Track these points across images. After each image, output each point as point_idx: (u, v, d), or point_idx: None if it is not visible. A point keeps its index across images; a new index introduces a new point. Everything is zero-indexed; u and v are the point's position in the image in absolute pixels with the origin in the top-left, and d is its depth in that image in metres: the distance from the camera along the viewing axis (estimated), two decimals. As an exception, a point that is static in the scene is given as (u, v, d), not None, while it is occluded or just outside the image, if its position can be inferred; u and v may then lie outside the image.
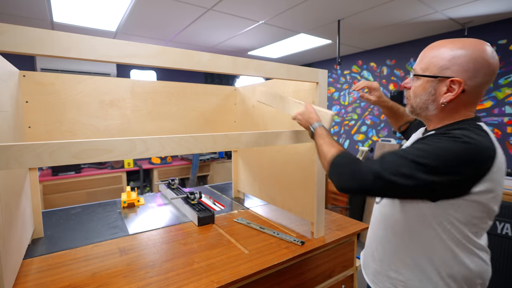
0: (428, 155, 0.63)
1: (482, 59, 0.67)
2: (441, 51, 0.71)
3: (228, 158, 4.14)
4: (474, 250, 0.70)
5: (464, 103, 0.72)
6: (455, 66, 0.69)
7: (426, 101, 0.75)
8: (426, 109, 0.76)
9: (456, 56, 0.69)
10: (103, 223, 1.37)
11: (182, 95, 1.51)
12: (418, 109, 0.78)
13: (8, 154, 0.61)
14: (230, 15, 2.33)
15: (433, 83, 0.72)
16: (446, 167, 0.62)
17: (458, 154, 0.62)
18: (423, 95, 0.75)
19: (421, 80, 0.75)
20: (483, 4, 2.11)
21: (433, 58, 0.72)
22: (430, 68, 0.73)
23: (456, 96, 0.69)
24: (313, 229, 1.21)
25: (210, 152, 2.13)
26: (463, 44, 0.69)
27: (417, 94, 0.76)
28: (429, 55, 0.74)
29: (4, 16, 2.28)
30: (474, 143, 0.63)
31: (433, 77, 0.72)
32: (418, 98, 0.77)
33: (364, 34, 2.90)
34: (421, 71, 0.75)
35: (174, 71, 4.25)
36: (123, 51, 0.73)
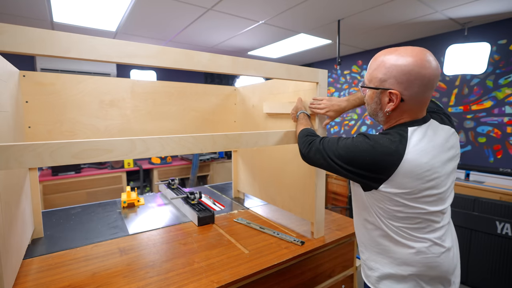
0: (345, 147, 0.77)
1: (415, 72, 0.70)
2: (379, 62, 0.75)
3: (228, 158, 4.14)
4: (402, 241, 0.76)
5: (406, 110, 0.76)
6: (391, 79, 0.73)
7: (375, 110, 0.81)
8: (376, 116, 0.82)
9: (391, 69, 0.72)
10: (103, 223, 1.37)
11: (182, 95, 1.51)
12: (371, 115, 0.84)
13: (8, 154, 0.61)
14: (230, 15, 2.33)
15: (377, 94, 0.77)
16: (353, 161, 0.74)
17: (363, 153, 0.73)
18: (372, 104, 0.80)
19: (369, 91, 0.80)
20: (483, 4, 2.11)
21: (375, 70, 0.76)
22: (373, 80, 0.77)
23: (396, 106, 0.74)
24: (313, 229, 1.21)
25: (210, 152, 2.13)
26: (399, 56, 0.72)
27: (368, 103, 0.82)
28: (372, 66, 0.78)
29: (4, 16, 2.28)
30: (378, 148, 0.71)
31: (375, 89, 0.77)
32: (369, 107, 0.82)
33: (364, 34, 2.90)
34: (367, 82, 0.80)
35: (174, 71, 4.25)
36: (123, 51, 0.73)
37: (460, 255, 2.15)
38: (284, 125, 1.33)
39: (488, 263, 2.01)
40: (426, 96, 0.74)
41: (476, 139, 2.68)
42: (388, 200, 0.74)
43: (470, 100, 2.71)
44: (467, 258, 2.12)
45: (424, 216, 0.74)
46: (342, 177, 3.13)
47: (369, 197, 0.79)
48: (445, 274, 0.77)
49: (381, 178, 0.72)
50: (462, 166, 2.60)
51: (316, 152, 0.86)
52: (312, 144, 0.89)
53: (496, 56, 2.51)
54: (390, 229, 0.77)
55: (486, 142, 2.61)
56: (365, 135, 0.77)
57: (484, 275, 2.03)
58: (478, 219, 2.05)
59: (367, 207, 0.81)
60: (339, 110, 1.08)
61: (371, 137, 0.75)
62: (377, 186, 0.74)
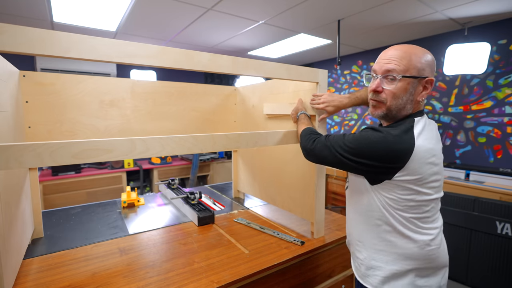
0: (354, 140, 0.78)
1: (435, 64, 0.80)
2: (411, 53, 0.77)
3: (228, 158, 4.14)
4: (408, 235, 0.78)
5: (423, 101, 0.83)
6: (428, 67, 0.77)
7: (406, 101, 0.79)
8: (403, 109, 0.80)
9: (425, 58, 0.77)
10: (103, 223, 1.37)
11: (182, 95, 1.51)
12: (396, 110, 0.80)
13: (8, 154, 0.61)
14: (230, 15, 2.33)
15: (413, 84, 0.77)
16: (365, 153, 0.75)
17: (376, 144, 0.74)
18: (405, 95, 0.78)
19: (402, 81, 0.77)
20: (483, 4, 2.11)
21: (410, 60, 0.76)
22: (410, 69, 0.76)
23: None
24: (313, 229, 1.21)
25: (210, 152, 2.13)
26: (420, 48, 0.79)
27: (399, 95, 0.78)
28: (402, 56, 0.77)
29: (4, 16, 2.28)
30: (391, 138, 0.73)
31: (415, 78, 0.77)
32: (399, 100, 0.78)
33: (364, 34, 2.90)
34: (402, 73, 0.77)
35: (174, 71, 4.25)
36: (123, 51, 0.73)
37: (460, 255, 2.16)
38: (284, 125, 1.33)
39: (488, 263, 2.01)
40: None
41: (476, 139, 2.68)
42: (401, 189, 0.75)
43: (470, 100, 2.71)
44: (467, 258, 2.12)
45: (432, 204, 0.78)
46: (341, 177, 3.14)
47: (377, 190, 0.79)
48: (443, 264, 0.81)
49: (397, 167, 0.73)
50: (462, 166, 2.60)
51: (323, 148, 0.86)
52: (317, 141, 0.89)
53: (496, 56, 2.51)
54: (398, 222, 0.78)
55: (486, 142, 2.61)
56: (373, 128, 0.79)
57: (484, 275, 2.03)
58: (478, 219, 2.05)
59: (371, 202, 0.81)
60: (340, 106, 1.07)
61: (381, 129, 0.77)
62: (391, 176, 0.75)
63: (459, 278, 2.16)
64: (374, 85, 0.81)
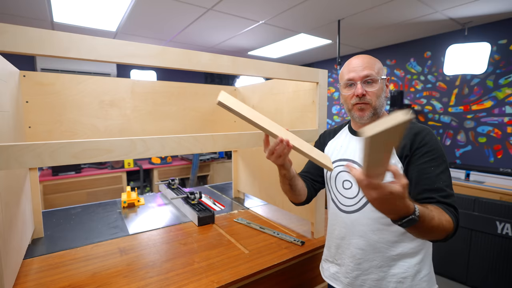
0: (439, 155, 0.78)
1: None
2: (373, 59, 0.89)
3: (228, 158, 4.14)
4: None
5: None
6: (382, 69, 0.90)
7: (384, 99, 0.90)
8: (382, 106, 0.90)
9: (379, 62, 0.91)
10: (103, 223, 1.37)
11: (182, 95, 1.51)
12: (380, 107, 0.89)
13: (8, 154, 0.61)
14: (230, 15, 2.33)
15: (383, 83, 0.89)
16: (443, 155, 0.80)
17: (440, 143, 0.82)
18: (382, 93, 0.89)
19: (379, 83, 0.87)
20: (483, 4, 2.11)
21: (376, 64, 0.88)
22: (380, 72, 0.89)
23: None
24: (313, 229, 1.21)
25: (210, 152, 2.13)
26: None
27: (379, 94, 0.88)
28: (372, 62, 0.88)
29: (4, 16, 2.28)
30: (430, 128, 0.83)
31: (383, 79, 0.89)
32: (381, 98, 0.88)
33: (364, 34, 2.90)
34: (378, 76, 0.88)
35: (174, 71, 4.25)
36: (123, 51, 0.73)
37: (460, 255, 2.15)
38: (284, 125, 1.33)
39: (488, 263, 2.01)
40: None
41: (476, 139, 2.68)
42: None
43: (470, 100, 2.71)
44: (467, 258, 2.12)
45: None
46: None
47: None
48: None
49: None
50: (462, 166, 2.60)
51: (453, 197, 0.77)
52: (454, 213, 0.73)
53: (496, 56, 2.51)
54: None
55: (486, 142, 2.61)
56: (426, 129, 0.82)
57: (484, 275, 2.03)
58: (478, 219, 2.05)
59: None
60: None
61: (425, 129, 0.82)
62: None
63: (459, 278, 2.16)
64: (359, 90, 0.86)
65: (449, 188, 0.76)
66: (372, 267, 0.84)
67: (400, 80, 3.30)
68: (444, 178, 0.77)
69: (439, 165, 0.77)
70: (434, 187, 0.75)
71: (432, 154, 0.78)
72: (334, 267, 0.94)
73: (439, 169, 0.77)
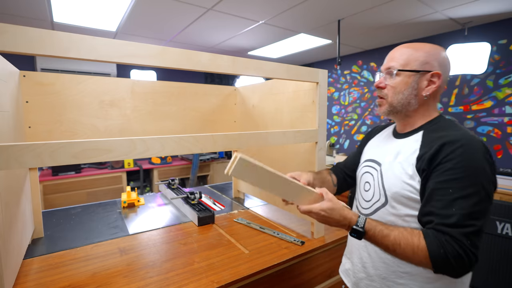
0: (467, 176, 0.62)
1: (448, 61, 0.78)
2: (416, 48, 0.77)
3: (228, 158, 4.14)
4: None
5: (435, 97, 0.79)
6: (434, 61, 0.75)
7: (408, 96, 0.77)
8: (407, 105, 0.78)
9: (432, 52, 0.75)
10: (103, 223, 1.37)
11: (182, 95, 1.51)
12: (400, 106, 0.78)
13: (8, 154, 0.61)
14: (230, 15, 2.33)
15: (415, 77, 0.76)
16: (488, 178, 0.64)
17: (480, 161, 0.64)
18: (406, 90, 0.76)
19: (402, 76, 0.77)
20: (483, 4, 2.11)
21: (412, 54, 0.76)
22: (411, 63, 0.76)
23: (437, 88, 0.75)
24: (313, 229, 1.21)
25: (210, 152, 2.13)
26: (430, 45, 0.77)
27: (399, 90, 0.77)
28: (405, 52, 0.77)
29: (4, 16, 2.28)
30: (477, 141, 0.66)
31: (416, 72, 0.75)
32: (400, 94, 0.77)
33: (364, 34, 2.90)
34: (401, 67, 0.76)
35: (174, 71, 4.25)
36: (123, 51, 0.73)
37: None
38: (284, 125, 1.33)
39: (488, 263, 2.01)
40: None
41: (476, 139, 2.68)
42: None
43: (470, 100, 2.71)
44: (467, 258, 2.11)
45: None
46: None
47: None
48: None
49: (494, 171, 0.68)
50: (462, 166, 2.59)
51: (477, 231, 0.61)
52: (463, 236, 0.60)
53: (496, 56, 2.51)
54: None
55: (486, 142, 2.61)
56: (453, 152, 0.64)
57: (484, 275, 2.03)
58: (478, 219, 2.05)
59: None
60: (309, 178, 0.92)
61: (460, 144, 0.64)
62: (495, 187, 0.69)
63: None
64: (376, 80, 0.82)
65: (466, 218, 0.60)
66: (377, 276, 0.81)
67: (400, 80, 3.29)
68: (463, 205, 0.61)
69: (463, 189, 0.62)
70: (441, 213, 0.62)
71: (457, 173, 0.63)
72: (348, 264, 0.94)
73: (460, 193, 0.61)
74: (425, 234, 0.63)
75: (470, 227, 0.60)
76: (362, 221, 0.70)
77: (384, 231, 0.67)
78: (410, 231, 0.66)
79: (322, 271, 1.19)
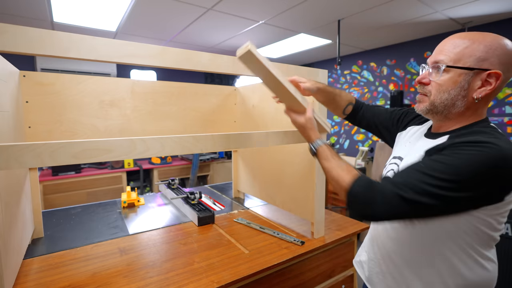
0: (454, 169, 0.56)
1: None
2: (473, 40, 0.64)
3: (228, 158, 4.15)
4: (479, 261, 0.69)
5: (487, 100, 0.67)
6: (493, 58, 0.62)
7: (455, 97, 0.66)
8: (451, 106, 0.67)
9: (493, 47, 0.62)
10: (103, 223, 1.37)
11: (182, 95, 1.51)
12: (442, 106, 0.68)
13: (8, 154, 0.61)
14: (230, 15, 2.33)
15: (466, 76, 0.64)
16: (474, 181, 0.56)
17: (485, 164, 0.55)
18: (454, 89, 0.66)
19: (452, 73, 0.65)
20: (483, 4, 2.11)
21: (467, 48, 0.64)
22: (464, 59, 0.64)
23: (493, 90, 0.63)
24: (313, 229, 1.21)
25: (210, 152, 2.13)
26: (494, 37, 0.64)
27: (446, 88, 0.66)
28: (459, 44, 0.65)
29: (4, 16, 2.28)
30: (499, 149, 0.56)
31: (469, 69, 0.64)
32: (446, 94, 0.67)
33: (364, 34, 2.90)
34: (451, 63, 0.65)
35: (174, 71, 4.25)
36: (123, 51, 0.73)
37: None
38: (285, 125, 1.33)
39: (488, 263, 2.01)
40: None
41: (476, 139, 2.68)
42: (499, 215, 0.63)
43: (470, 100, 2.71)
44: (467, 258, 2.11)
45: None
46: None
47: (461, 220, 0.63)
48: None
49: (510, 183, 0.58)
50: (462, 166, 2.59)
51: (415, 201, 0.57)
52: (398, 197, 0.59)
53: (496, 56, 2.51)
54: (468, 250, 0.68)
55: (486, 142, 2.61)
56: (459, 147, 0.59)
57: (484, 275, 2.03)
58: (478, 219, 2.04)
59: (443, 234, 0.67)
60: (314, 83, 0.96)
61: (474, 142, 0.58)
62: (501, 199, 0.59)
63: (459, 278, 2.15)
64: (420, 75, 0.72)
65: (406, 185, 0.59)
66: (388, 274, 0.80)
67: (400, 80, 3.29)
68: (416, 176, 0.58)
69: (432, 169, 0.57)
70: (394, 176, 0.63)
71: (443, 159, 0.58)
72: (364, 256, 0.93)
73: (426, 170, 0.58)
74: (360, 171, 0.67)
75: (401, 190, 0.58)
76: (318, 144, 0.81)
77: (330, 153, 0.77)
78: (349, 169, 0.71)
79: (322, 271, 1.19)
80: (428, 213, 0.59)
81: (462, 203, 0.58)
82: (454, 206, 0.59)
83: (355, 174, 0.69)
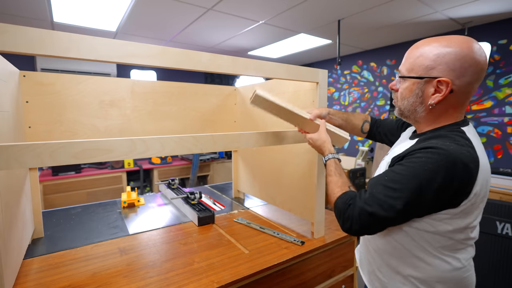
0: (408, 179, 0.61)
1: (469, 57, 0.64)
2: (425, 50, 0.68)
3: (228, 158, 4.15)
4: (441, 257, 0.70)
5: (452, 104, 0.69)
6: (441, 65, 0.66)
7: (413, 103, 0.72)
8: (414, 112, 0.74)
9: (441, 55, 0.66)
10: (103, 223, 1.37)
11: (182, 95, 1.51)
12: (406, 111, 0.75)
13: (8, 154, 0.61)
14: (230, 15, 2.33)
15: (419, 85, 0.70)
16: (425, 189, 0.60)
17: (433, 170, 0.59)
18: (410, 97, 0.72)
19: (408, 82, 0.72)
20: (483, 4, 2.12)
21: (418, 58, 0.69)
22: (415, 68, 0.70)
23: (444, 97, 0.67)
24: (313, 229, 1.21)
25: (210, 152, 2.13)
26: (449, 42, 0.66)
27: (404, 96, 0.74)
28: (414, 54, 0.71)
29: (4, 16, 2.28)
30: (447, 154, 0.60)
31: (419, 78, 0.69)
32: (405, 101, 0.74)
33: (364, 34, 2.90)
34: (406, 72, 0.72)
35: (174, 71, 4.26)
36: (123, 51, 0.73)
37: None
38: (285, 125, 1.33)
39: (488, 263, 2.01)
40: (474, 89, 0.68)
41: (476, 139, 2.68)
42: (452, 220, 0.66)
43: (471, 100, 2.71)
44: (467, 258, 2.11)
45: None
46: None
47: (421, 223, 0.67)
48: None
49: (462, 190, 0.62)
50: (462, 166, 2.59)
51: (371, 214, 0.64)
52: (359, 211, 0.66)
53: (497, 56, 2.51)
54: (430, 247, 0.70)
55: (487, 142, 2.61)
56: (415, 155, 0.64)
57: (484, 275, 2.03)
58: (478, 219, 2.05)
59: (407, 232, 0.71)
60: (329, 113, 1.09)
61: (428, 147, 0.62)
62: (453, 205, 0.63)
63: (459, 278, 2.15)
64: (391, 83, 0.79)
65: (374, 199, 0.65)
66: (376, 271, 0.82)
67: (400, 80, 3.29)
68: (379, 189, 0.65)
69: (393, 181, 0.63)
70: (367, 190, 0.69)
71: (401, 169, 0.64)
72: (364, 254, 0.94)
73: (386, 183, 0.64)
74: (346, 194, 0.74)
75: (367, 205, 0.65)
76: (327, 158, 0.90)
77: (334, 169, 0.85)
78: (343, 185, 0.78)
79: (322, 271, 1.19)
80: (394, 223, 0.67)
81: (421, 210, 0.64)
82: (414, 213, 0.65)
83: (344, 190, 0.76)
